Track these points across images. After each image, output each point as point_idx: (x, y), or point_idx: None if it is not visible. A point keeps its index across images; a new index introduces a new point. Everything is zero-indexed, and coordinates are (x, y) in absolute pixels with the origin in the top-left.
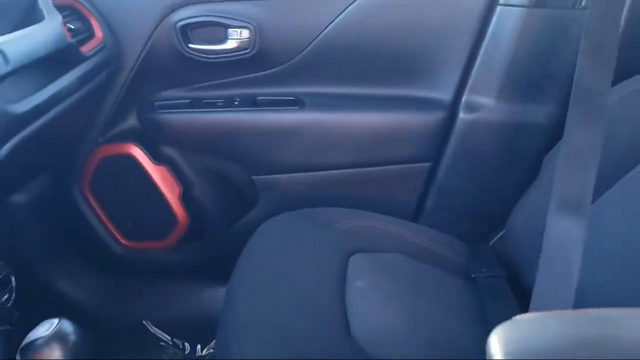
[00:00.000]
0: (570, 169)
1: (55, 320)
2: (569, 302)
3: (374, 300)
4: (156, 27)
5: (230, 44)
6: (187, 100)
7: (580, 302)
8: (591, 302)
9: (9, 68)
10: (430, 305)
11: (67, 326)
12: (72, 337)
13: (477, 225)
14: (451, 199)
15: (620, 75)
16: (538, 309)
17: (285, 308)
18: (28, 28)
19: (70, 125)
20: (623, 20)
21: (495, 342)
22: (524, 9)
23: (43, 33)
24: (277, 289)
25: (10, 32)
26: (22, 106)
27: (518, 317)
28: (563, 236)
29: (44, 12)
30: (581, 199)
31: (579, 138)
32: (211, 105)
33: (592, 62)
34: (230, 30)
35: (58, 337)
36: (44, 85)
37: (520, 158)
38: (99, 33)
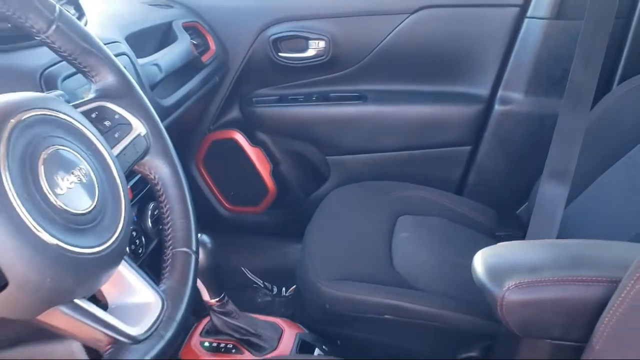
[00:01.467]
0: (559, 146)
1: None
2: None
3: (412, 246)
4: (254, 41)
5: (310, 53)
6: (276, 97)
7: None
8: None
9: (162, 75)
10: (457, 253)
11: (205, 237)
12: (209, 245)
13: (507, 197)
14: (488, 176)
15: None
16: None
17: (346, 249)
18: (169, 46)
19: (192, 116)
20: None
21: (478, 257)
22: (546, 20)
23: (179, 49)
24: (340, 237)
25: (157, 50)
26: (168, 101)
27: (500, 244)
28: (551, 196)
29: (177, 33)
30: (566, 169)
31: (567, 123)
32: (295, 100)
33: (583, 65)
34: (310, 41)
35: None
36: (180, 87)
37: (543, 142)
38: (213, 46)
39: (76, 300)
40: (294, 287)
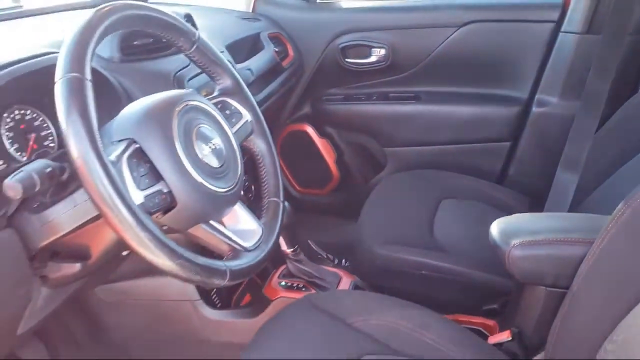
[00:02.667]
0: (573, 142)
1: None
2: None
3: (450, 222)
4: (325, 48)
5: (372, 59)
6: (342, 96)
7: None
8: None
9: (253, 78)
10: (485, 228)
11: (286, 203)
12: (288, 209)
13: (542, 187)
14: (525, 168)
15: None
16: None
17: (395, 221)
18: (258, 54)
19: (273, 111)
20: None
21: (494, 224)
22: (578, 35)
23: (265, 56)
24: (390, 212)
25: (248, 57)
26: (256, 98)
27: (513, 215)
28: (564, 181)
29: (264, 43)
30: (578, 161)
31: (581, 123)
32: (358, 99)
33: (597, 74)
34: (372, 49)
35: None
36: (265, 87)
37: None
38: (291, 53)
39: (211, 222)
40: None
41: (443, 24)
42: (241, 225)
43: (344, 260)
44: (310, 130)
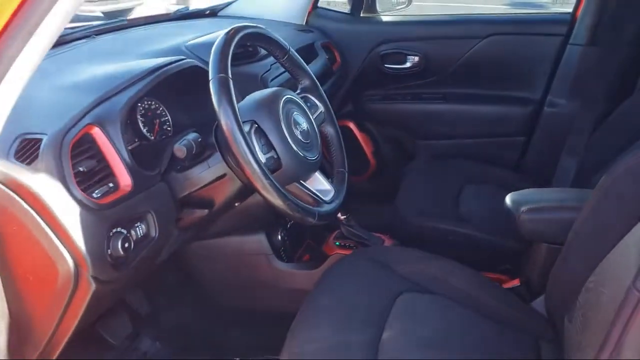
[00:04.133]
0: (574, 133)
1: None
2: None
3: (473, 200)
4: (367, 55)
5: (407, 64)
6: (381, 96)
7: None
8: None
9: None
10: (500, 203)
11: None
12: None
13: (551, 173)
14: (537, 159)
15: None
16: None
17: (425, 198)
18: (314, 61)
19: None
20: None
21: (508, 197)
22: (583, 47)
23: (320, 63)
24: (421, 191)
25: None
26: None
27: (524, 190)
28: (566, 166)
29: (318, 51)
30: (577, 150)
31: (581, 119)
32: (394, 99)
33: (597, 79)
34: (408, 56)
35: None
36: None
37: None
38: (338, 59)
39: (301, 181)
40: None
41: (469, 35)
42: (320, 186)
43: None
44: (352, 125)
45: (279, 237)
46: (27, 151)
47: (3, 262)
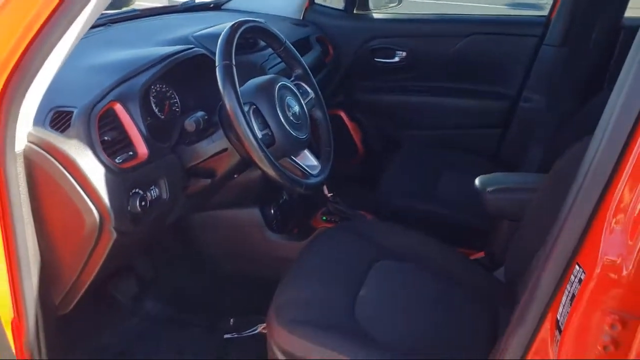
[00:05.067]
0: (540, 126)
1: None
2: None
3: (450, 185)
4: (358, 49)
5: (396, 59)
6: (370, 88)
7: None
8: None
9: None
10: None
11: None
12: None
13: (527, 160)
14: (512, 149)
15: None
16: None
17: (407, 183)
18: (308, 53)
19: None
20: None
21: (477, 179)
22: (555, 47)
23: (314, 55)
24: (404, 178)
25: (301, 56)
26: None
27: (493, 173)
28: (533, 154)
29: (312, 44)
30: (544, 139)
31: (547, 113)
32: (383, 90)
33: (566, 77)
34: (396, 51)
35: None
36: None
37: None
38: (331, 52)
39: (292, 157)
40: None
41: (452, 34)
42: (308, 162)
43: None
44: (343, 114)
45: (272, 211)
46: (60, 121)
47: (37, 214)
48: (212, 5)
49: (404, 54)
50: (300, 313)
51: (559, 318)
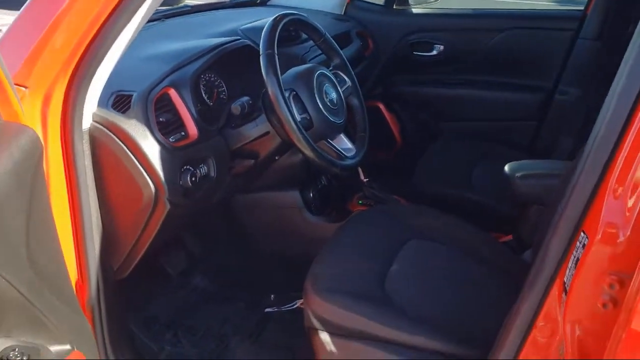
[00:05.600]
0: (571, 117)
1: None
2: None
3: (484, 174)
4: (397, 43)
5: (434, 52)
6: (408, 80)
7: None
8: None
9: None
10: None
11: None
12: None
13: (559, 151)
14: (547, 140)
15: None
16: None
17: (442, 171)
18: (349, 46)
19: None
20: None
21: (507, 166)
22: (590, 41)
23: (354, 48)
24: (438, 166)
25: (342, 48)
26: None
27: (522, 160)
28: (563, 144)
29: (353, 38)
30: (573, 130)
31: (578, 106)
32: (421, 83)
33: (600, 71)
34: (434, 45)
35: None
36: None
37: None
38: (371, 45)
39: (328, 139)
40: None
41: (489, 28)
42: (344, 145)
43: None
44: (381, 106)
45: (311, 194)
46: (121, 103)
47: (100, 186)
48: (258, 2)
49: (442, 47)
50: (334, 283)
51: (565, 281)
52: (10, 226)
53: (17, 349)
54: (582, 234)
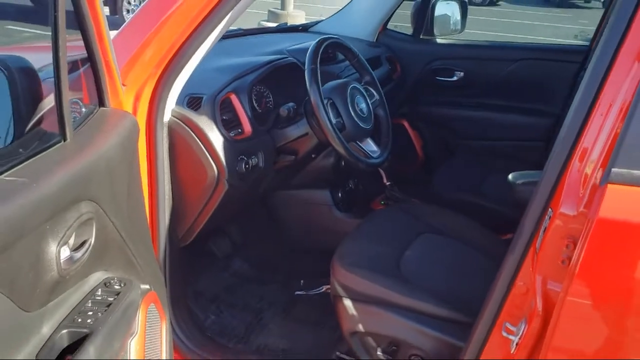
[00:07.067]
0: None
1: None
2: None
3: (496, 185)
4: (422, 68)
5: (454, 78)
6: (431, 101)
7: None
8: None
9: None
10: None
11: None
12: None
13: None
14: None
15: None
16: None
17: (457, 180)
18: (378, 69)
19: None
20: None
21: (510, 175)
22: None
23: (383, 71)
24: (454, 176)
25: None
26: None
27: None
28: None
29: (383, 62)
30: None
31: None
32: (442, 104)
33: None
34: (455, 71)
35: None
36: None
37: None
38: (399, 70)
39: (357, 141)
40: None
41: (504, 58)
42: (371, 148)
43: None
44: (406, 123)
45: (339, 194)
46: (194, 103)
47: (173, 168)
48: (300, 28)
49: (462, 74)
50: (357, 259)
51: (537, 246)
52: (118, 185)
53: (115, 279)
54: (549, 209)
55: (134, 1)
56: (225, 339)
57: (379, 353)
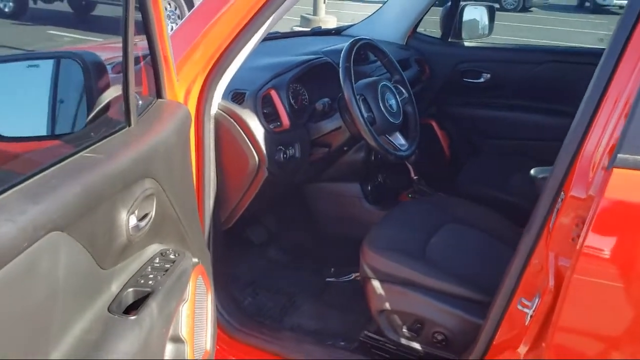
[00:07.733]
0: None
1: None
2: None
3: (519, 181)
4: (450, 70)
5: (481, 80)
6: (458, 102)
7: None
8: None
9: (402, 79)
10: None
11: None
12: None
13: None
14: None
15: None
16: None
17: (480, 177)
18: (407, 70)
19: None
20: None
21: (532, 170)
22: None
23: (412, 73)
24: (478, 173)
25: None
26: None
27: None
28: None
29: (412, 64)
30: None
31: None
32: (469, 105)
33: None
34: (482, 73)
35: None
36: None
37: None
38: (427, 71)
39: (387, 135)
40: None
41: (529, 61)
42: (400, 141)
43: None
44: (434, 123)
45: (369, 187)
46: (237, 97)
47: (218, 156)
48: (333, 32)
49: (489, 76)
50: (385, 243)
51: (550, 226)
52: (174, 167)
53: (170, 250)
54: (562, 192)
55: (170, 7)
56: (261, 318)
57: (404, 330)
